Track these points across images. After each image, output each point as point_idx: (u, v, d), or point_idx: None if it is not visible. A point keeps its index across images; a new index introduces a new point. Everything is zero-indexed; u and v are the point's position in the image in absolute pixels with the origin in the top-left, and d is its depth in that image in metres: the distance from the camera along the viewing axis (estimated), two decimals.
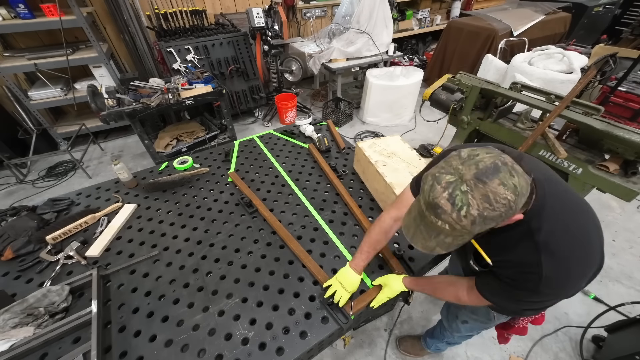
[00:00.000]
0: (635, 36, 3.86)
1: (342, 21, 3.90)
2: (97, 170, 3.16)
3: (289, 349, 0.90)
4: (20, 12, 2.56)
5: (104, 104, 2.43)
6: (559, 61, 3.16)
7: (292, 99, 3.70)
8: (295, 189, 1.54)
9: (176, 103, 2.62)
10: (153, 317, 0.99)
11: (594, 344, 1.72)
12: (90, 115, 3.28)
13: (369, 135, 3.65)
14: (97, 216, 1.37)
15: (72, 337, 0.94)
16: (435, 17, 5.17)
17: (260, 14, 3.22)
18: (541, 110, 1.98)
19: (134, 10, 3.06)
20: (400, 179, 1.28)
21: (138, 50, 3.22)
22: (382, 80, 3.49)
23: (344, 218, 1.36)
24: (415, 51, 5.33)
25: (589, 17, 4.77)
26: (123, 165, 1.49)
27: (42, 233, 1.24)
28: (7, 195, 2.82)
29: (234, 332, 0.94)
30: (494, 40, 3.84)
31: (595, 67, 1.72)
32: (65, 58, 2.77)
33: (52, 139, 3.21)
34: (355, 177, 1.61)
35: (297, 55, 3.90)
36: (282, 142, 1.95)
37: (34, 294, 0.97)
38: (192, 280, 1.10)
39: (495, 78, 3.53)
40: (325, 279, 1.07)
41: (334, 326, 0.96)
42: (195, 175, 1.63)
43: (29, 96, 2.91)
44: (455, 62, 4.24)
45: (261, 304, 1.02)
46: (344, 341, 1.31)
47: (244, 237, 1.28)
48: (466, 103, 2.33)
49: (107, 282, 1.11)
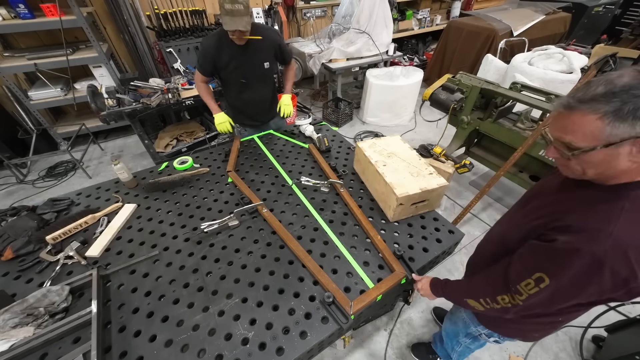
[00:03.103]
0: (635, 36, 3.86)
1: (342, 21, 3.90)
2: (97, 170, 3.16)
3: (289, 349, 0.90)
4: (20, 12, 2.56)
5: (104, 104, 2.43)
6: (559, 61, 3.16)
7: (292, 99, 3.70)
8: (295, 189, 1.54)
9: (176, 103, 2.62)
10: (153, 317, 0.99)
11: (594, 344, 1.72)
12: (90, 115, 3.28)
13: (369, 135, 3.65)
14: (97, 216, 1.37)
15: (72, 337, 0.94)
16: (435, 17, 5.16)
17: (260, 14, 3.23)
18: (541, 110, 1.98)
19: (134, 10, 3.05)
20: (401, 179, 1.28)
21: (138, 50, 3.22)
22: (382, 80, 3.49)
23: (344, 218, 1.36)
24: (415, 51, 5.33)
25: (589, 17, 4.77)
26: (123, 165, 1.49)
27: (42, 233, 1.24)
28: (7, 195, 2.82)
29: (234, 332, 0.94)
30: (494, 40, 3.84)
31: (595, 67, 1.72)
32: (65, 58, 2.77)
33: (52, 139, 3.21)
34: (355, 177, 1.61)
35: (297, 55, 3.90)
36: (282, 142, 1.95)
37: (34, 294, 0.97)
38: (192, 280, 1.10)
39: (495, 78, 3.53)
40: (326, 279, 1.07)
41: (334, 326, 0.96)
42: (195, 175, 1.63)
43: (29, 96, 2.91)
44: (455, 62, 4.24)
45: (261, 304, 1.02)
46: (344, 341, 1.32)
47: (244, 237, 1.28)
48: (466, 103, 2.33)
49: (107, 282, 1.11)
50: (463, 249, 2.25)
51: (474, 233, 2.38)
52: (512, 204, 0.97)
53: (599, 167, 0.60)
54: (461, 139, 2.54)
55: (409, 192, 1.21)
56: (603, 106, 0.54)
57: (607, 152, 0.57)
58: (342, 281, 1.10)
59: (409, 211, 1.32)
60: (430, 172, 1.32)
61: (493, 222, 2.46)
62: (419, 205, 1.31)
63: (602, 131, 0.55)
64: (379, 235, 1.24)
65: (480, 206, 2.59)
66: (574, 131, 0.59)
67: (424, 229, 1.31)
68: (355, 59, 3.72)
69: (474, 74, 3.44)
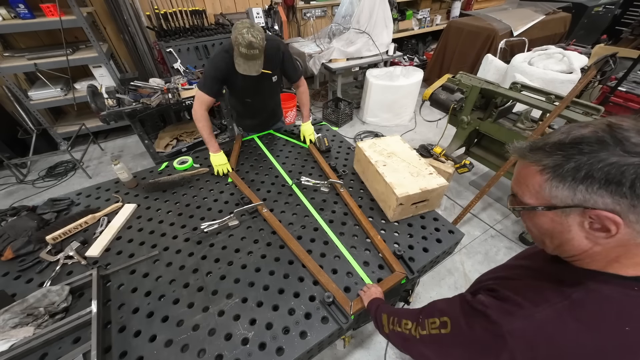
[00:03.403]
0: (635, 36, 3.86)
1: (342, 21, 3.90)
2: (97, 170, 3.16)
3: (289, 349, 0.90)
4: (20, 12, 2.55)
5: (104, 104, 2.43)
6: (559, 61, 3.16)
7: (292, 99, 3.70)
8: (295, 189, 1.54)
9: (176, 103, 2.61)
10: (153, 317, 0.99)
11: None
12: (90, 115, 3.28)
13: (369, 135, 3.65)
14: (97, 216, 1.37)
15: (72, 337, 0.94)
16: (435, 17, 5.16)
17: (260, 14, 3.23)
18: (541, 110, 1.98)
19: (134, 10, 3.05)
20: (401, 179, 1.28)
21: (138, 50, 3.21)
22: (382, 80, 3.49)
23: (344, 218, 1.36)
24: (415, 51, 5.33)
25: (589, 17, 4.77)
26: (123, 165, 1.49)
27: (42, 233, 1.24)
28: (7, 195, 2.82)
29: (234, 332, 0.94)
30: (494, 40, 3.84)
31: (595, 67, 1.72)
32: (65, 58, 2.77)
33: (52, 139, 3.21)
34: (355, 177, 1.61)
35: (297, 55, 3.90)
36: (282, 142, 1.95)
37: (34, 294, 0.97)
38: (192, 280, 1.10)
39: (495, 78, 3.53)
40: (326, 279, 1.07)
41: (334, 326, 0.96)
42: (195, 175, 1.63)
43: (29, 96, 2.91)
44: (455, 62, 4.24)
45: (261, 304, 1.02)
46: (344, 341, 1.32)
47: (244, 237, 1.28)
48: (466, 103, 2.33)
49: (107, 282, 1.11)
50: (463, 249, 2.25)
51: (474, 233, 2.38)
52: None
53: (553, 237, 0.51)
54: (461, 139, 2.54)
55: (409, 192, 1.21)
56: (545, 158, 0.47)
57: (553, 218, 0.48)
58: (342, 281, 1.10)
59: (409, 211, 1.32)
60: (430, 172, 1.32)
61: (493, 222, 2.47)
62: (419, 205, 1.32)
63: (542, 188, 0.47)
64: (379, 235, 1.24)
65: (480, 206, 2.59)
66: (520, 183, 0.52)
67: (424, 229, 1.31)
68: (355, 59, 3.72)
69: (474, 74, 3.44)
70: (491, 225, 2.44)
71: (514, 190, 0.55)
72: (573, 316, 0.46)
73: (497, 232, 2.39)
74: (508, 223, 2.45)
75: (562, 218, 0.47)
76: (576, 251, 0.49)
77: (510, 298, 0.53)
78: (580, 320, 0.46)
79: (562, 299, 0.48)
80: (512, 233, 2.37)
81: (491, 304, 0.54)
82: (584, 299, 0.47)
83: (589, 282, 0.48)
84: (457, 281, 2.05)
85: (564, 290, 0.49)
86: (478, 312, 0.54)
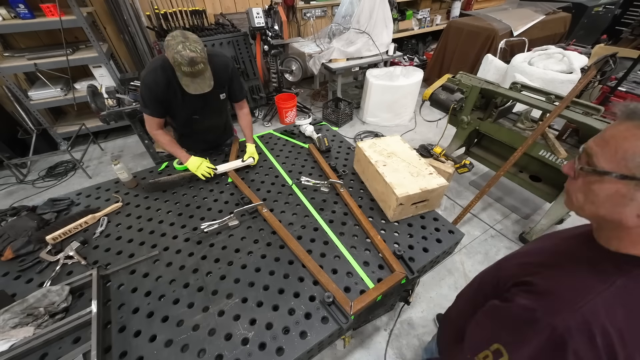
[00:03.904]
0: (635, 36, 3.86)
1: (342, 21, 3.90)
2: (97, 170, 3.16)
3: (289, 349, 0.90)
4: (20, 12, 2.56)
5: (104, 104, 2.43)
6: (559, 61, 3.16)
7: (292, 99, 3.70)
8: (295, 189, 1.54)
9: None
10: (153, 317, 0.99)
11: None
12: (90, 115, 3.28)
13: (369, 135, 3.65)
14: (97, 216, 1.37)
15: (72, 337, 0.94)
16: (435, 17, 5.16)
17: (260, 14, 3.22)
18: (541, 110, 1.98)
19: (134, 10, 3.05)
20: (401, 179, 1.28)
21: (138, 50, 3.22)
22: (382, 80, 3.49)
23: (344, 218, 1.36)
24: (415, 51, 5.33)
25: (589, 17, 4.77)
26: (123, 165, 1.49)
27: (42, 233, 1.24)
28: (7, 195, 2.82)
29: (234, 332, 0.94)
30: (494, 40, 3.84)
31: (595, 67, 1.72)
32: (65, 58, 2.77)
33: (52, 139, 3.21)
34: (355, 177, 1.61)
35: (297, 55, 3.90)
36: (282, 142, 1.95)
37: (34, 294, 0.97)
38: (192, 280, 1.10)
39: (495, 78, 3.53)
40: (326, 279, 1.07)
41: (334, 326, 0.96)
42: (195, 175, 1.62)
43: (29, 96, 2.91)
44: (455, 62, 4.24)
45: (261, 304, 1.02)
46: (344, 341, 1.32)
47: (244, 237, 1.28)
48: (466, 103, 2.33)
49: (107, 282, 1.11)
50: (463, 249, 2.25)
51: (474, 233, 2.38)
52: (512, 204, 0.93)
53: (601, 206, 0.49)
54: (461, 139, 2.54)
55: (409, 192, 1.21)
56: None
57: (619, 188, 0.45)
58: (342, 281, 1.10)
59: (409, 211, 1.32)
60: (430, 172, 1.32)
61: (493, 222, 2.47)
62: (419, 205, 1.32)
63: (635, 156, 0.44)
64: (379, 235, 1.24)
65: (480, 206, 2.59)
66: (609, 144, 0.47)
67: (424, 229, 1.31)
68: (355, 59, 3.72)
69: (474, 74, 3.44)
70: (491, 225, 2.44)
71: (592, 149, 0.50)
72: (620, 302, 0.46)
73: (497, 232, 2.39)
74: (508, 223, 2.45)
75: (630, 190, 0.45)
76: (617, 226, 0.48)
77: (552, 291, 0.50)
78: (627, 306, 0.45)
79: (608, 286, 0.47)
80: (512, 233, 2.37)
81: (536, 305, 0.51)
82: (628, 285, 0.46)
83: (630, 267, 0.47)
84: (457, 281, 2.05)
85: (607, 276, 0.48)
86: (527, 322, 0.50)
